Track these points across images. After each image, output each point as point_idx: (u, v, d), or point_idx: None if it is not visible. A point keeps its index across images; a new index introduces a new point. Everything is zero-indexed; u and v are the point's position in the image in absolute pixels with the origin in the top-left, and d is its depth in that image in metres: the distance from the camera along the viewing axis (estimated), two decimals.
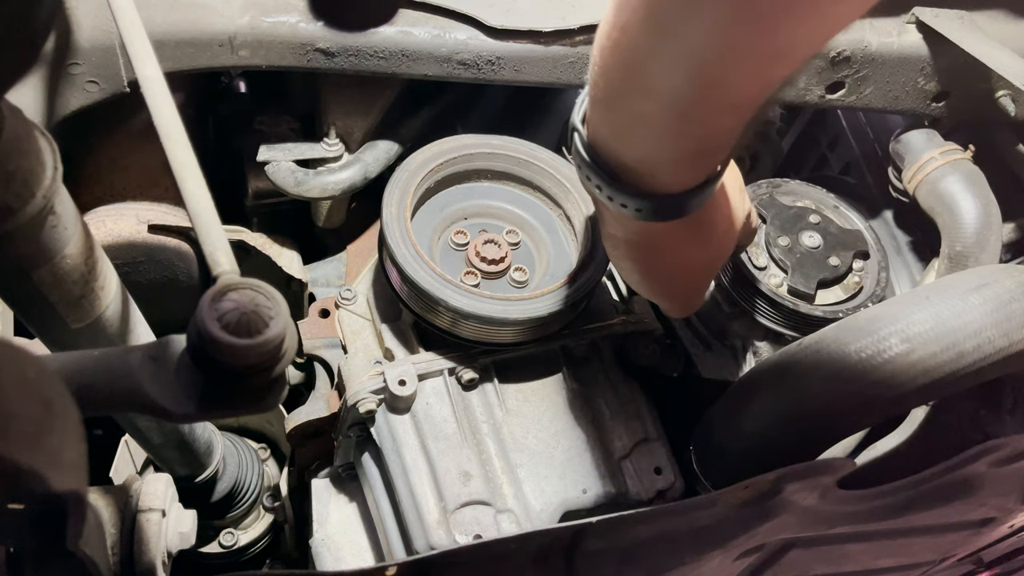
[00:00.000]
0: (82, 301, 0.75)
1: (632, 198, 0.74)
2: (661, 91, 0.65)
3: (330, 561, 1.08)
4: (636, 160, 0.73)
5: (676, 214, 0.77)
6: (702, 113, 0.66)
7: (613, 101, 0.70)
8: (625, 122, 0.71)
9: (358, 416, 0.99)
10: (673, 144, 0.70)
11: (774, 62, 0.62)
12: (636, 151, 0.73)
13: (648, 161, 0.73)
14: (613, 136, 0.73)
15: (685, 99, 0.65)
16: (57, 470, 0.42)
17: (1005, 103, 1.21)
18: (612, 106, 0.70)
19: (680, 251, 0.85)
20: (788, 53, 0.61)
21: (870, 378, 0.90)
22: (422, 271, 0.97)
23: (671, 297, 0.94)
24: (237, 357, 0.54)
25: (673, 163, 0.72)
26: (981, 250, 1.18)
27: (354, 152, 1.20)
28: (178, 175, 0.63)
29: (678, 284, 0.92)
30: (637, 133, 0.71)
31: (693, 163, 0.73)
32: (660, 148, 0.71)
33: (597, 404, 1.04)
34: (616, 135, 0.73)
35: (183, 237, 1.14)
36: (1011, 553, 1.48)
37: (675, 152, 0.71)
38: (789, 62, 0.62)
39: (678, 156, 0.72)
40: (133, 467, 1.39)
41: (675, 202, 0.75)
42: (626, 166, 0.74)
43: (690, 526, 0.91)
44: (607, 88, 0.69)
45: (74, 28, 0.95)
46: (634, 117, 0.69)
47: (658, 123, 0.68)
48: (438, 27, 1.05)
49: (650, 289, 0.93)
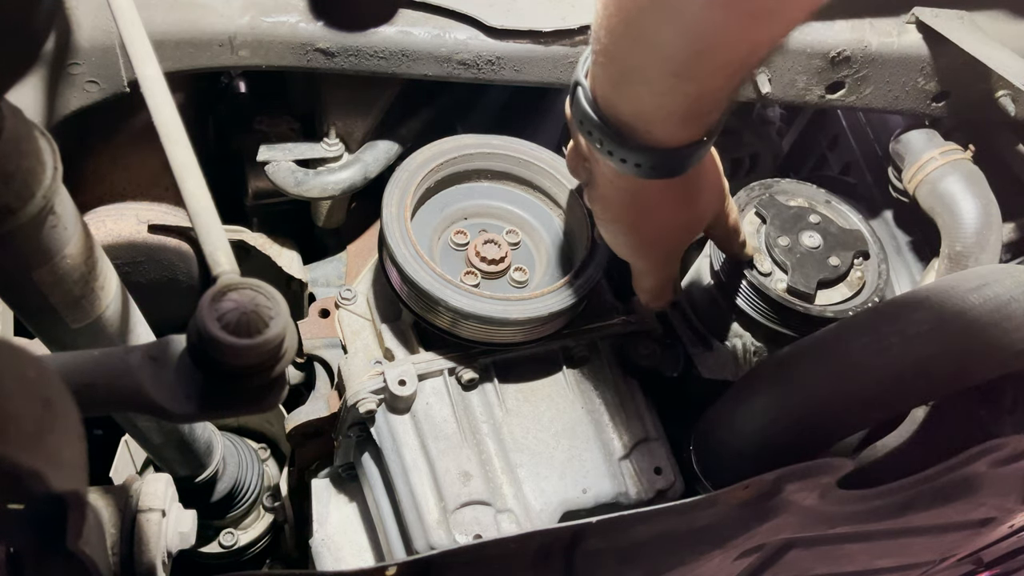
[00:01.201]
0: (82, 301, 0.75)
1: (632, 152, 0.78)
2: (657, 46, 0.69)
3: (330, 561, 1.08)
4: (634, 114, 0.77)
5: (673, 171, 0.80)
6: (695, 71, 0.70)
7: (613, 54, 0.73)
8: (624, 75, 0.75)
9: (358, 416, 0.99)
10: (669, 99, 0.74)
11: (762, 21, 0.65)
12: (634, 104, 0.76)
13: (645, 115, 0.76)
14: (613, 89, 0.77)
15: (679, 56, 0.69)
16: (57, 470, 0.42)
17: (1005, 103, 1.21)
18: (613, 59, 0.74)
19: (668, 211, 0.89)
20: (776, 12, 0.65)
21: (870, 378, 0.90)
22: (422, 271, 0.97)
23: (650, 260, 0.98)
24: (237, 357, 0.54)
25: (669, 118, 0.76)
26: (981, 250, 1.18)
27: (354, 152, 1.20)
28: (178, 175, 0.63)
29: (660, 247, 0.96)
30: (635, 86, 0.74)
31: (686, 120, 0.77)
32: (657, 103, 0.75)
33: (597, 404, 1.04)
34: (616, 88, 0.76)
35: (183, 237, 1.14)
36: (1011, 553, 1.48)
37: (671, 107, 0.75)
38: (777, 22, 0.66)
39: (673, 111, 0.75)
40: (133, 467, 1.39)
41: (672, 158, 0.79)
42: (625, 120, 0.77)
43: (690, 526, 0.91)
44: (608, 41, 0.73)
45: (74, 28, 0.95)
46: (632, 70, 0.73)
47: (654, 78, 0.72)
48: (438, 27, 1.05)
49: (635, 251, 0.96)
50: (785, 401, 0.95)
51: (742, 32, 0.66)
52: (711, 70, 0.70)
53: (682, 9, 0.65)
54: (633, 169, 0.79)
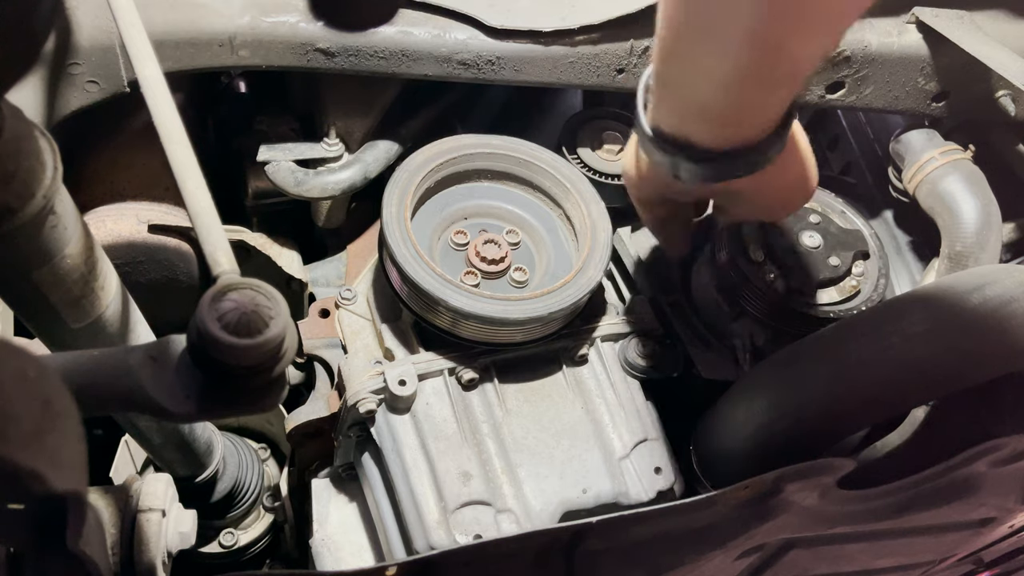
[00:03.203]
0: (82, 301, 0.75)
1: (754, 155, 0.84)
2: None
3: (330, 561, 1.08)
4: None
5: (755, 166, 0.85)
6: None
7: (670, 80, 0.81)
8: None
9: (358, 416, 0.99)
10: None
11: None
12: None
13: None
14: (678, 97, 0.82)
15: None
16: (57, 470, 0.42)
17: (1005, 103, 1.21)
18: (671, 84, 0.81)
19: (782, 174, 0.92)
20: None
21: (870, 378, 0.90)
22: (422, 271, 0.97)
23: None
24: (237, 357, 0.54)
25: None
26: (981, 250, 1.18)
27: (354, 152, 1.20)
28: (178, 175, 0.63)
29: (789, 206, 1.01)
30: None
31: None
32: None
33: (597, 404, 1.04)
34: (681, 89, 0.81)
35: (183, 237, 1.14)
36: (1011, 553, 1.48)
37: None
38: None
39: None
40: (133, 467, 1.39)
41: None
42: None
43: (690, 526, 0.91)
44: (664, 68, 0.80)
45: (74, 28, 0.95)
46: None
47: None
48: (438, 27, 1.05)
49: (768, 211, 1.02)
50: (785, 401, 0.95)
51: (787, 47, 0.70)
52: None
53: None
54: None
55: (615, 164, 1.20)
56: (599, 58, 1.10)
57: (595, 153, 1.21)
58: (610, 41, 1.09)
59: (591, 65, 1.10)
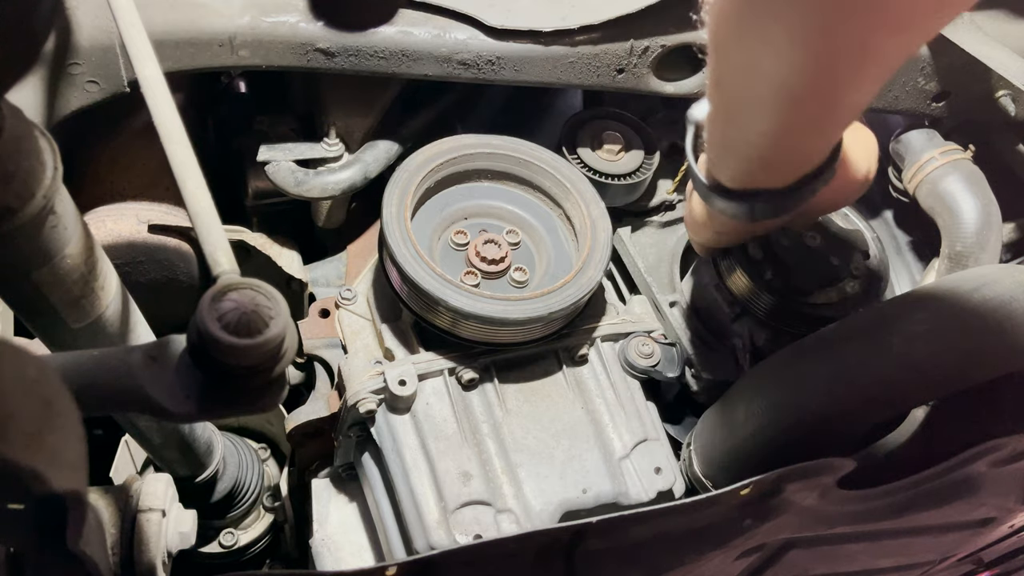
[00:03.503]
0: (82, 301, 0.75)
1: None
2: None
3: (330, 561, 1.08)
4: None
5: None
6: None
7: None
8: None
9: (358, 416, 0.99)
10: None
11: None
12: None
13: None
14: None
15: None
16: (57, 470, 0.42)
17: (1005, 103, 1.21)
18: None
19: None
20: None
21: (870, 378, 0.90)
22: (422, 271, 0.97)
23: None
24: (237, 357, 0.54)
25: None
26: (981, 250, 1.18)
27: (354, 152, 1.20)
28: (178, 175, 0.63)
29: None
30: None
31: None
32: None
33: (597, 404, 1.04)
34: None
35: (183, 237, 1.14)
36: (1011, 553, 1.48)
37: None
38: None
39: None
40: (133, 467, 1.39)
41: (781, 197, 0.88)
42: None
43: (690, 526, 0.91)
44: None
45: (74, 28, 0.95)
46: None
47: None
48: (438, 27, 1.05)
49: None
50: (785, 401, 0.95)
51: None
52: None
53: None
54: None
55: (615, 164, 1.20)
56: (599, 58, 1.10)
57: (595, 153, 1.21)
58: (610, 41, 1.09)
59: (591, 65, 1.10)
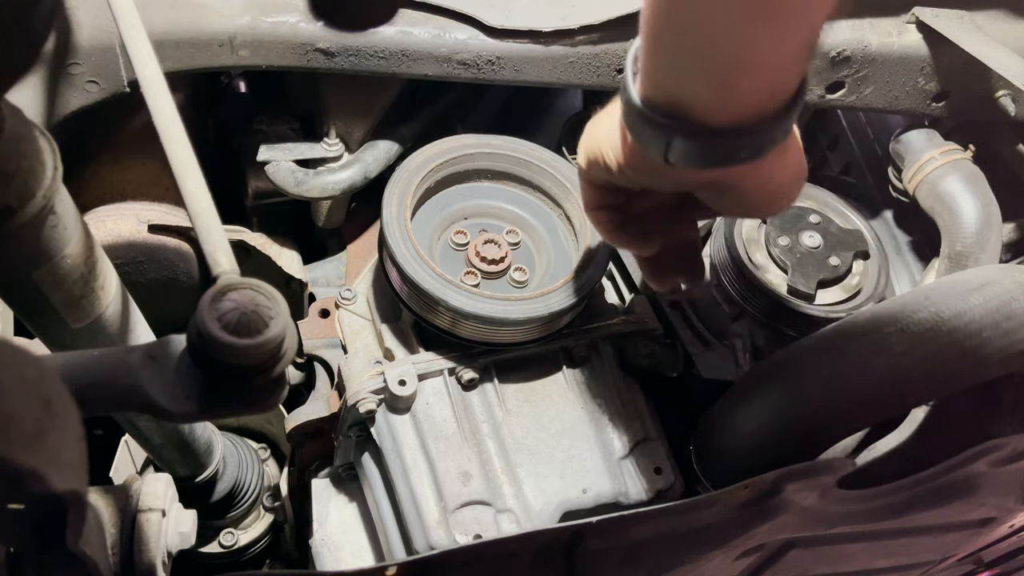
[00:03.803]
0: (82, 301, 0.75)
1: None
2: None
3: (330, 561, 1.08)
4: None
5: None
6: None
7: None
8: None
9: (358, 416, 0.99)
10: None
11: None
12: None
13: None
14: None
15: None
16: (57, 470, 0.42)
17: (1005, 103, 1.21)
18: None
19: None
20: None
21: (870, 378, 0.90)
22: (422, 271, 0.97)
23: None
24: (237, 357, 0.54)
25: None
26: (981, 250, 1.18)
27: (354, 152, 1.20)
28: (178, 175, 0.63)
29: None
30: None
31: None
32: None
33: (597, 404, 1.04)
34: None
35: (183, 237, 1.14)
36: (1011, 553, 1.47)
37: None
38: None
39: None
40: (133, 467, 1.39)
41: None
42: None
43: (690, 526, 0.91)
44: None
45: (74, 28, 0.95)
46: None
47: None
48: (438, 27, 1.05)
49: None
50: (785, 401, 0.95)
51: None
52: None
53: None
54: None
55: None
56: (599, 58, 1.10)
57: None
58: (610, 41, 1.09)
59: (591, 65, 1.10)
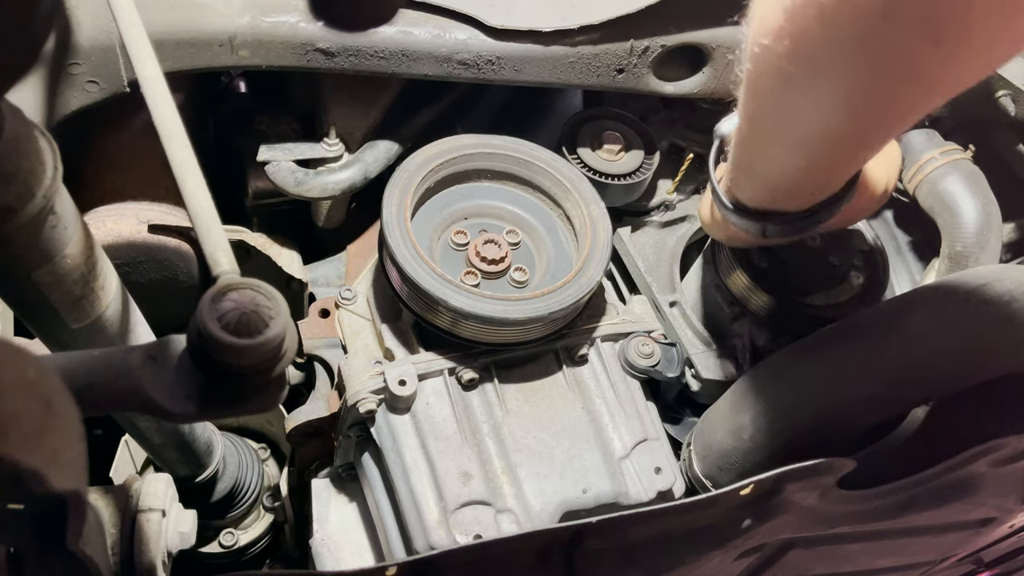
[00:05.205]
0: (82, 301, 0.75)
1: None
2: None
3: (330, 561, 1.08)
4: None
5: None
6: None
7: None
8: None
9: (358, 416, 0.99)
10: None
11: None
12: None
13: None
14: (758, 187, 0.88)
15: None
16: (57, 470, 0.42)
17: (1005, 103, 1.21)
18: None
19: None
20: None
21: (870, 378, 0.90)
22: (422, 271, 0.97)
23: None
24: (237, 357, 0.54)
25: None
26: (981, 250, 1.18)
27: (354, 152, 1.20)
28: (178, 175, 0.63)
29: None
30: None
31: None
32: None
33: (597, 404, 1.04)
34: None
35: (183, 237, 1.14)
36: (1011, 553, 1.48)
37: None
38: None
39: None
40: (133, 467, 1.39)
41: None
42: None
43: (690, 526, 0.91)
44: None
45: (74, 28, 0.95)
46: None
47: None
48: (438, 27, 1.05)
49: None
50: (785, 401, 0.95)
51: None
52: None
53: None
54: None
55: (615, 164, 1.20)
56: (599, 58, 1.10)
57: (595, 153, 1.21)
58: (610, 41, 1.09)
59: (591, 65, 1.10)
